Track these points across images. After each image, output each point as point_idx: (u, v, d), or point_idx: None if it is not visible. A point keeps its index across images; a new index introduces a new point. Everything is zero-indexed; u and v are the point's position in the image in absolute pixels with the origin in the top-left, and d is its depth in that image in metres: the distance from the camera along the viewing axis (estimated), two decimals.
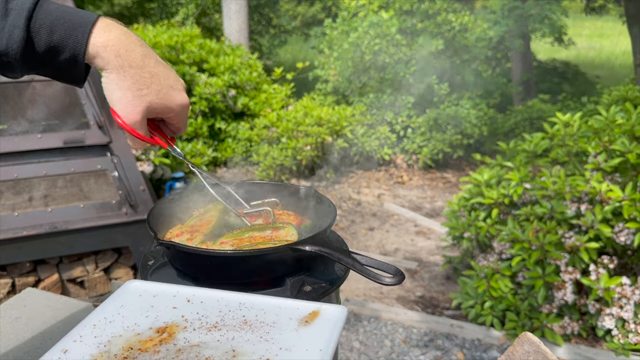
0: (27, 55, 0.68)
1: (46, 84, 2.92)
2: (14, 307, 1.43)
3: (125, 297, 0.77)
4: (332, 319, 0.71)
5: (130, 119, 0.75)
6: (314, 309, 0.73)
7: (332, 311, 0.73)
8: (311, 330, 0.69)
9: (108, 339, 0.68)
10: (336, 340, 0.67)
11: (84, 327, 0.70)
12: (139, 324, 0.71)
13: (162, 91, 0.76)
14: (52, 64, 0.71)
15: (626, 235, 2.46)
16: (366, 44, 6.14)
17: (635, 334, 2.45)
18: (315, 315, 0.72)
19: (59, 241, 2.67)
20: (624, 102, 4.57)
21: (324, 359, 0.63)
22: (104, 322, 0.71)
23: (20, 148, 2.72)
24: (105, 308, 0.74)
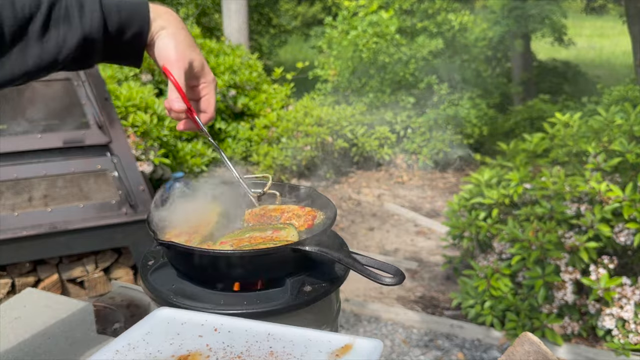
0: (104, 34, 0.80)
1: (46, 84, 2.92)
2: (14, 307, 1.43)
3: (153, 324, 0.76)
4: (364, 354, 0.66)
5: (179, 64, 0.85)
6: (347, 342, 0.68)
7: (366, 345, 0.67)
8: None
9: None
10: None
11: (107, 352, 0.69)
12: (162, 351, 0.70)
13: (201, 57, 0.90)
14: (122, 39, 0.83)
15: (626, 235, 2.46)
16: (364, 42, 6.13)
17: (636, 334, 2.45)
18: (348, 349, 0.67)
19: (58, 241, 2.67)
20: (624, 102, 4.57)
21: None
22: (127, 347, 0.70)
23: (20, 148, 2.71)
24: (131, 334, 0.74)
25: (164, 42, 0.85)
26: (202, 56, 0.90)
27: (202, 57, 0.89)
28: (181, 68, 0.85)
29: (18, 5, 0.74)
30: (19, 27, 0.74)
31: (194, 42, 0.89)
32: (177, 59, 0.85)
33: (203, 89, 0.91)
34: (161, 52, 0.85)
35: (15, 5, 0.73)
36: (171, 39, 0.85)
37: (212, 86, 0.92)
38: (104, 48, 0.81)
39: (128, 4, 0.82)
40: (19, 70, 0.75)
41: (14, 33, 0.74)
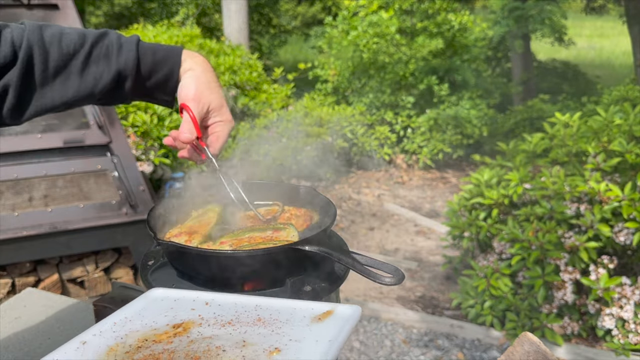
0: (138, 71, 0.89)
1: None
2: (14, 307, 1.43)
3: (147, 302, 0.81)
4: (345, 316, 0.73)
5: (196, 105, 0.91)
6: (328, 308, 0.75)
7: (346, 309, 0.74)
8: (323, 325, 0.71)
9: (126, 333, 0.72)
10: (347, 333, 0.68)
11: (105, 324, 0.74)
12: (157, 322, 0.75)
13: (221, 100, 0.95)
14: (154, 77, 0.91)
15: (625, 235, 2.46)
16: (364, 42, 6.13)
17: (635, 334, 2.46)
18: (329, 314, 0.74)
19: (58, 241, 2.67)
20: (623, 102, 4.58)
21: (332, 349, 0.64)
22: (124, 320, 0.75)
23: (20, 148, 2.72)
24: (127, 310, 0.79)
25: (186, 82, 0.92)
26: (222, 98, 0.95)
27: (221, 99, 0.94)
28: (197, 106, 0.91)
29: (64, 42, 0.85)
30: (62, 62, 0.84)
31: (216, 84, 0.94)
32: (195, 98, 0.91)
33: (217, 125, 0.95)
34: (182, 90, 0.92)
35: (62, 43, 0.85)
36: (194, 79, 0.92)
37: (227, 126, 0.95)
38: (137, 83, 0.91)
39: (163, 49, 0.92)
40: (59, 100, 0.85)
41: (58, 67, 0.84)
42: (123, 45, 0.89)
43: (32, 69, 0.83)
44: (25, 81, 0.83)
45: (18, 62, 0.81)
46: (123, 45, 0.89)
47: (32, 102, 0.84)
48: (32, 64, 0.82)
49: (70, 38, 0.86)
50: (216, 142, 0.95)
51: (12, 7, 2.99)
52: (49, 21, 3.10)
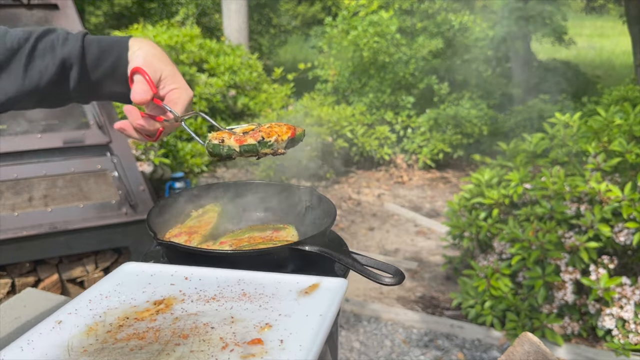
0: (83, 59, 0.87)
1: None
2: (14, 308, 1.43)
3: (122, 277, 0.78)
4: (332, 289, 0.72)
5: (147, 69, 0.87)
6: (314, 282, 0.74)
7: (332, 282, 0.74)
8: (311, 299, 0.70)
9: (104, 310, 0.69)
10: (337, 307, 0.67)
11: (80, 301, 0.71)
12: (135, 298, 0.72)
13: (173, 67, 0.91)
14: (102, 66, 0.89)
15: (626, 235, 2.46)
16: (364, 42, 6.13)
17: (636, 334, 2.45)
18: (315, 287, 0.73)
19: (58, 241, 2.67)
20: (624, 102, 4.57)
21: (325, 324, 0.63)
22: (100, 297, 0.72)
23: (20, 148, 2.71)
24: (101, 286, 0.75)
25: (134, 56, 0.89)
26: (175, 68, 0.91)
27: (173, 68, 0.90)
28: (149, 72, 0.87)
29: (8, 38, 0.84)
30: (5, 58, 0.83)
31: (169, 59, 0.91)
32: (145, 65, 0.87)
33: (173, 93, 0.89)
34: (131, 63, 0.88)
35: (5, 39, 0.84)
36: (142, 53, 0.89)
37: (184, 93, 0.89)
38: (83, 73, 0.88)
39: (110, 38, 0.91)
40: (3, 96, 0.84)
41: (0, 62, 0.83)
42: (69, 37, 0.88)
43: None
44: None
45: None
46: (69, 37, 0.88)
47: None
48: None
49: (15, 34, 0.85)
50: (175, 105, 0.88)
51: (12, 7, 2.99)
52: (49, 21, 3.09)
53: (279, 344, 0.60)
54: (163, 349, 0.60)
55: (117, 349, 0.60)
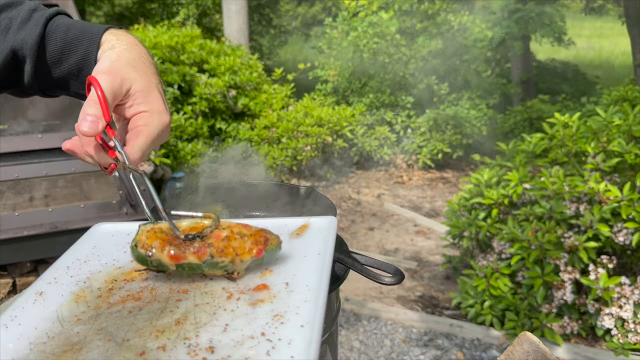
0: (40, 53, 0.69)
1: None
2: None
3: (96, 239, 0.73)
4: (323, 229, 0.69)
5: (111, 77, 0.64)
6: (303, 223, 0.71)
7: (322, 222, 0.70)
8: (304, 240, 0.67)
9: (87, 276, 0.64)
10: (332, 245, 0.64)
11: (57, 269, 0.65)
12: (118, 259, 0.67)
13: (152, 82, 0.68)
14: (65, 63, 0.70)
15: (625, 235, 2.47)
16: (364, 43, 6.14)
17: (635, 334, 2.46)
18: (305, 228, 0.70)
19: (59, 241, 2.68)
20: (623, 102, 4.58)
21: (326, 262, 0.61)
22: (78, 262, 0.67)
23: (21, 148, 2.72)
24: (77, 251, 0.70)
25: (101, 59, 0.68)
26: (153, 82, 0.68)
27: (149, 82, 0.67)
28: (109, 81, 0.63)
29: None
30: None
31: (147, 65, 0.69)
32: (108, 72, 0.64)
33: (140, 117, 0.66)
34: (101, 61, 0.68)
35: None
36: (112, 55, 0.67)
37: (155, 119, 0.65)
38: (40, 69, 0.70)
39: (80, 26, 0.70)
40: None
41: None
42: (32, 18, 0.68)
43: None
44: None
45: None
46: (32, 18, 0.68)
47: None
48: None
49: None
50: (134, 139, 0.64)
51: None
52: None
53: (285, 286, 0.57)
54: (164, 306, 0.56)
55: (114, 313, 0.56)
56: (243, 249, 0.59)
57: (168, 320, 0.54)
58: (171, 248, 0.58)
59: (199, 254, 0.58)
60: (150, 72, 0.69)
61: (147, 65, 0.69)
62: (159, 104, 0.67)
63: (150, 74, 0.68)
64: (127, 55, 0.67)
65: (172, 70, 5.24)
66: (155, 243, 0.59)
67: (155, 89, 0.68)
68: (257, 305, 0.55)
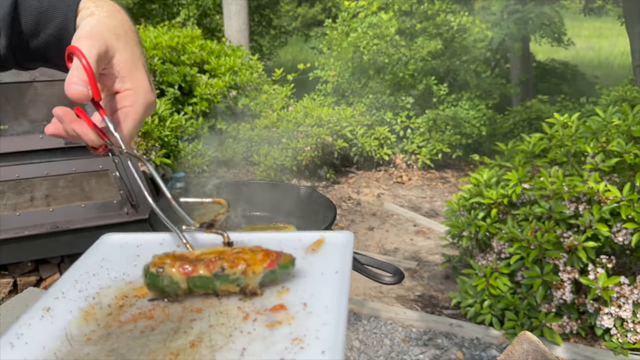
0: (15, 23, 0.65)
1: (47, 84, 2.93)
2: (16, 307, 1.44)
3: (105, 251, 0.70)
4: (339, 244, 0.66)
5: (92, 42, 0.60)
6: (318, 237, 0.68)
7: (338, 237, 0.67)
8: (320, 256, 0.64)
9: (95, 290, 0.61)
10: (350, 263, 0.62)
11: (65, 283, 0.63)
12: (128, 273, 0.64)
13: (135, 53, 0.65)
14: (42, 34, 0.66)
15: (624, 235, 2.48)
16: (364, 44, 6.15)
17: (634, 333, 2.47)
18: (321, 243, 0.67)
19: (60, 241, 2.69)
20: (622, 102, 4.59)
21: (345, 280, 0.59)
22: (87, 276, 0.64)
23: (22, 148, 2.73)
24: (84, 263, 0.67)
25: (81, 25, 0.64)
26: (136, 53, 0.65)
27: (133, 52, 0.64)
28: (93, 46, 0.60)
29: None
30: None
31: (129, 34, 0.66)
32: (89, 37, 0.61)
33: (125, 96, 0.64)
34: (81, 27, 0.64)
35: None
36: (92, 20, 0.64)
37: (140, 97, 0.64)
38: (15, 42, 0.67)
39: None
40: None
41: None
42: None
43: None
44: None
45: None
46: None
47: None
48: None
49: None
50: (124, 121, 0.64)
51: None
52: None
53: (303, 307, 0.55)
54: (178, 326, 0.54)
55: (126, 333, 0.53)
56: (255, 260, 0.58)
57: (182, 342, 0.51)
58: (181, 262, 0.58)
59: (210, 267, 0.57)
60: (134, 42, 0.66)
61: (130, 35, 0.65)
62: (144, 80, 0.64)
63: (134, 45, 0.65)
64: (108, 22, 0.63)
65: (173, 71, 5.25)
66: (167, 260, 0.58)
67: (140, 63, 0.65)
68: (275, 327, 0.52)
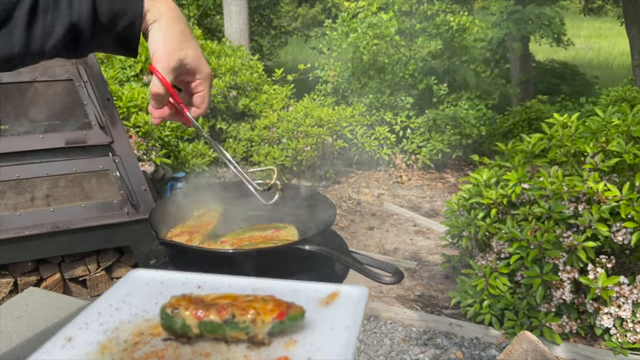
0: (94, 24, 0.77)
1: (48, 85, 2.94)
2: (16, 307, 1.44)
3: (131, 285, 0.74)
4: (353, 299, 0.68)
5: (166, 63, 0.81)
6: (333, 290, 0.70)
7: (353, 291, 0.70)
8: (333, 310, 0.66)
9: (115, 325, 0.65)
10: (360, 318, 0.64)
11: (88, 314, 0.67)
12: (147, 310, 0.68)
13: (197, 52, 0.85)
14: (113, 30, 0.80)
15: (624, 234, 2.48)
16: (365, 44, 6.15)
17: (634, 333, 2.47)
18: (335, 296, 0.69)
19: (60, 241, 2.69)
20: (622, 102, 4.59)
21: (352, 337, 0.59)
22: (110, 309, 0.68)
23: (23, 148, 2.73)
24: (110, 296, 0.71)
25: (153, 38, 0.81)
26: (198, 50, 0.85)
27: (196, 52, 0.85)
28: (168, 67, 0.81)
29: None
30: (5, 12, 0.72)
31: (189, 35, 0.84)
32: (165, 58, 0.81)
33: (198, 85, 0.88)
34: (151, 48, 0.82)
35: None
36: (161, 34, 0.81)
37: (207, 82, 0.89)
38: (94, 38, 0.79)
39: None
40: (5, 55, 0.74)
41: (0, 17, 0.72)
42: None
43: None
44: None
45: None
46: None
47: None
48: None
49: None
50: (202, 102, 0.89)
51: None
52: None
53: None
54: None
55: None
56: (265, 310, 0.59)
57: None
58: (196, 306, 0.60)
59: (221, 313, 0.59)
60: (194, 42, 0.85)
61: (187, 32, 0.83)
62: (206, 68, 0.87)
63: (195, 44, 0.85)
64: (172, 31, 0.81)
65: None
66: (182, 303, 0.61)
67: (201, 55, 0.86)
68: None
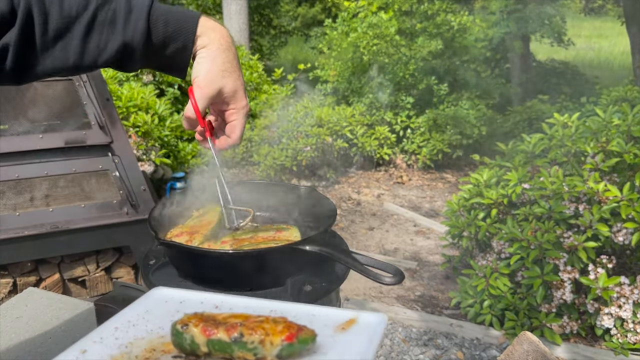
0: (147, 44, 0.79)
1: (47, 85, 2.93)
2: (15, 307, 1.44)
3: (151, 303, 0.75)
4: (370, 326, 0.67)
5: (205, 90, 0.84)
6: (351, 316, 0.69)
7: (371, 319, 0.68)
8: (348, 336, 0.65)
9: (130, 340, 0.65)
10: (376, 347, 0.63)
11: (105, 329, 0.68)
12: (163, 327, 0.68)
13: (237, 83, 0.86)
14: (164, 52, 0.82)
15: (624, 235, 2.47)
16: (365, 44, 6.15)
17: (634, 334, 2.47)
18: (352, 323, 0.68)
19: (60, 241, 2.68)
20: (622, 102, 4.59)
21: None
22: (127, 325, 0.69)
23: (22, 148, 2.72)
24: (129, 312, 0.72)
25: (198, 62, 0.84)
26: (238, 81, 0.86)
27: (236, 83, 0.86)
28: (206, 94, 0.84)
29: (66, 3, 0.76)
30: (64, 25, 0.75)
31: (234, 66, 0.86)
32: (205, 85, 0.83)
33: (232, 114, 0.89)
34: (194, 72, 0.85)
35: (63, 4, 0.76)
36: (207, 61, 0.83)
37: (242, 113, 0.89)
38: (145, 57, 0.81)
39: (176, 17, 0.81)
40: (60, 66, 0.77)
41: (59, 30, 0.75)
42: (133, 10, 0.78)
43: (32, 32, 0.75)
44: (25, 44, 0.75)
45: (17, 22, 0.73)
46: (133, 10, 0.78)
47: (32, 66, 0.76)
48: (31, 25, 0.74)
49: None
50: (233, 132, 0.90)
51: None
52: None
53: None
54: None
55: None
56: (274, 331, 0.58)
57: None
58: (205, 323, 0.60)
59: (230, 331, 0.59)
60: (237, 73, 0.86)
61: (235, 65, 0.86)
62: (243, 100, 0.88)
63: (237, 76, 0.86)
64: (219, 60, 0.83)
65: None
66: (193, 320, 0.61)
67: (240, 88, 0.87)
68: None
